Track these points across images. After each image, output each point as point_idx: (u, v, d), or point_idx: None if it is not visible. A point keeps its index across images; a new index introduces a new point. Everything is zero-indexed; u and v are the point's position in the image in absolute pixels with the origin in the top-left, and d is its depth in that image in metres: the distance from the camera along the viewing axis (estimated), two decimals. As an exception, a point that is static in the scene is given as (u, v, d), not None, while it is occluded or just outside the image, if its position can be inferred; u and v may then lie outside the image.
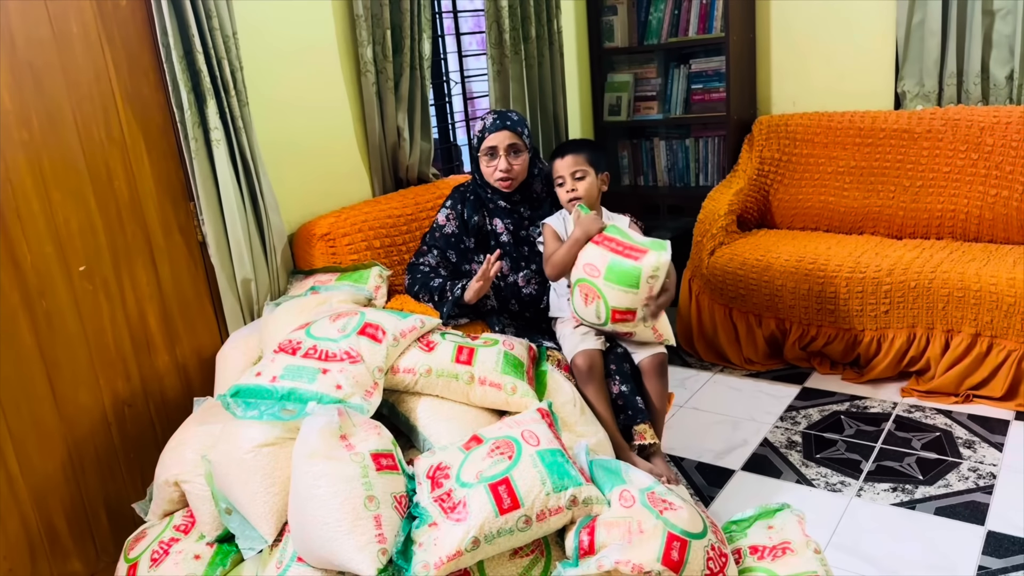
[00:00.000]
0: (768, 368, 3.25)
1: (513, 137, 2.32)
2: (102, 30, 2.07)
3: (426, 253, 2.46)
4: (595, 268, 2.13)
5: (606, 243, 2.16)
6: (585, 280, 2.15)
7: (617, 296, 2.11)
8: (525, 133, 2.35)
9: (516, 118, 2.36)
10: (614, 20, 3.86)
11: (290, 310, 2.15)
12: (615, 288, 2.10)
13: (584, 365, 2.13)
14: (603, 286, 2.11)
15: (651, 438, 2.14)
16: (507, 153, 2.32)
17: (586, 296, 2.16)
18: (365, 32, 2.67)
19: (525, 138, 2.35)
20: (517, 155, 2.34)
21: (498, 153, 2.33)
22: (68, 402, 2.06)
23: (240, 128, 2.27)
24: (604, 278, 2.11)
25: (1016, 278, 2.71)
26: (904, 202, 3.32)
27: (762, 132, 3.63)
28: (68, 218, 2.04)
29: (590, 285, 2.14)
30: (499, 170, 2.33)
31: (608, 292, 2.11)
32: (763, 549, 1.71)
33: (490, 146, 2.33)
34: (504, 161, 2.32)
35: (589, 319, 2.18)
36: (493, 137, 2.32)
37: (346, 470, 1.57)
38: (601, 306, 2.13)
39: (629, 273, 2.09)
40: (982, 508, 2.25)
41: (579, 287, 2.17)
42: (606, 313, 2.13)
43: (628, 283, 2.09)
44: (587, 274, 2.15)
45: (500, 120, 2.33)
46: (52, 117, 1.99)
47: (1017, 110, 3.10)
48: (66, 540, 2.07)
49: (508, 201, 2.40)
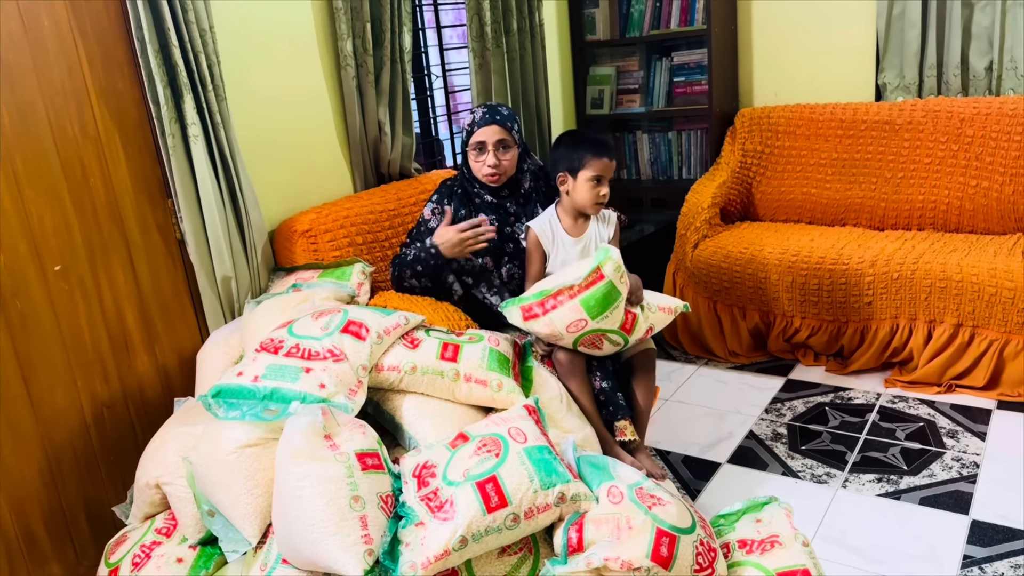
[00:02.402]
0: (752, 360, 3.26)
1: (502, 132, 2.29)
2: (74, 24, 2.02)
3: (409, 246, 2.43)
4: (577, 321, 2.02)
5: (559, 299, 2.05)
6: (580, 335, 2.05)
7: (613, 318, 2.04)
8: (515, 128, 2.33)
9: (506, 112, 2.33)
10: (596, 13, 3.85)
11: (272, 308, 2.12)
12: (606, 315, 2.03)
13: (566, 360, 2.11)
14: (597, 324, 2.03)
15: (632, 435, 2.13)
16: (496, 148, 2.30)
17: (593, 343, 2.08)
18: (345, 25, 2.63)
19: (515, 133, 2.32)
20: (506, 150, 2.31)
21: (487, 148, 2.30)
22: (45, 404, 2.02)
23: (218, 123, 2.23)
24: (592, 319, 2.02)
25: (997, 268, 2.73)
26: (886, 193, 3.34)
27: (744, 125, 3.63)
28: (42, 216, 1.99)
29: (589, 335, 2.06)
30: (487, 165, 2.31)
31: (605, 323, 2.04)
32: (751, 543, 1.70)
33: (479, 141, 2.30)
34: (492, 156, 2.30)
35: (612, 349, 2.14)
36: (482, 132, 2.30)
37: (331, 470, 1.55)
38: (613, 336, 2.07)
39: (603, 294, 2.01)
40: (966, 497, 2.26)
41: (582, 344, 2.09)
42: (622, 337, 2.09)
43: (610, 301, 2.02)
44: (576, 330, 2.04)
45: (490, 114, 2.31)
46: (24, 113, 1.94)
47: (996, 101, 3.12)
48: (45, 545, 2.04)
49: (495, 196, 2.37)
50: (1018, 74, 3.20)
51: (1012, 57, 3.19)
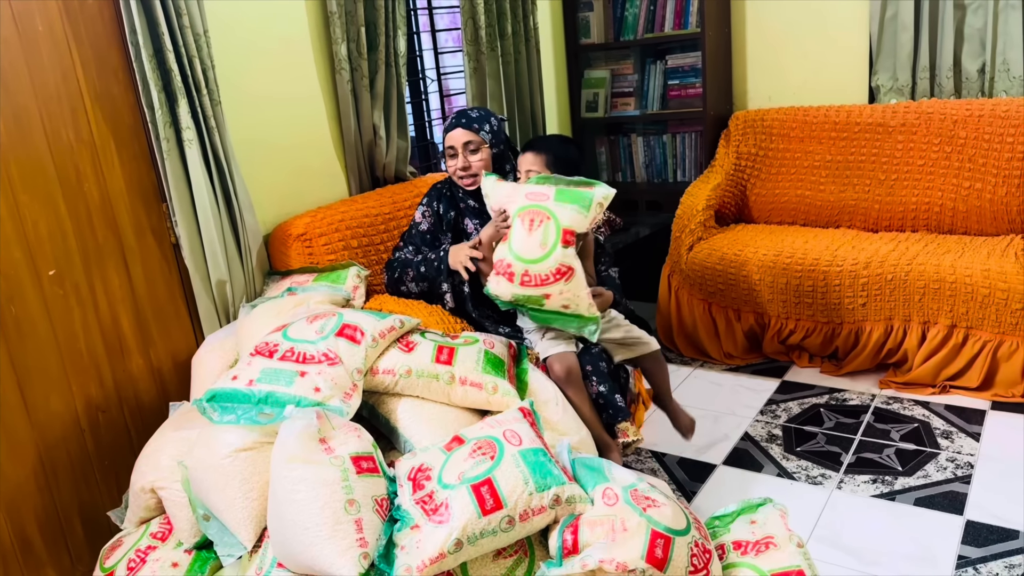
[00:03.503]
0: (747, 362, 3.27)
1: (468, 135, 2.32)
2: (69, 29, 2.02)
3: (402, 248, 2.44)
4: (542, 194, 2.06)
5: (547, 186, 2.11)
6: (530, 206, 2.04)
7: (569, 215, 2.02)
8: (485, 129, 2.34)
9: (475, 115, 2.35)
10: (590, 16, 3.86)
11: (266, 312, 2.12)
12: (567, 207, 2.02)
13: (561, 370, 2.08)
14: (553, 206, 2.03)
15: (634, 435, 2.13)
16: (464, 151, 2.33)
17: (531, 222, 2.02)
18: (339, 29, 2.64)
19: (485, 134, 2.33)
20: (474, 152, 2.33)
21: (456, 152, 2.34)
22: (39, 409, 2.02)
23: (213, 127, 2.23)
24: (554, 199, 2.04)
25: (991, 269, 2.74)
26: (879, 195, 3.35)
27: (738, 127, 3.64)
28: (37, 221, 1.99)
29: (537, 208, 2.03)
30: (459, 168, 2.34)
31: (559, 211, 2.02)
32: (746, 544, 1.71)
33: (449, 146, 2.36)
34: (462, 159, 2.33)
35: (529, 254, 2.02)
36: (450, 136, 2.35)
37: (326, 474, 1.55)
38: (551, 228, 2.01)
39: (581, 195, 2.05)
40: (961, 498, 2.27)
41: (520, 217, 2.05)
42: (556, 235, 2.00)
43: (580, 203, 2.03)
44: (532, 200, 2.05)
45: (456, 119, 2.36)
46: (18, 118, 1.94)
47: (989, 103, 3.13)
48: (39, 550, 2.03)
49: (476, 200, 2.38)
50: (1010, 76, 3.21)
51: (1005, 59, 3.20)
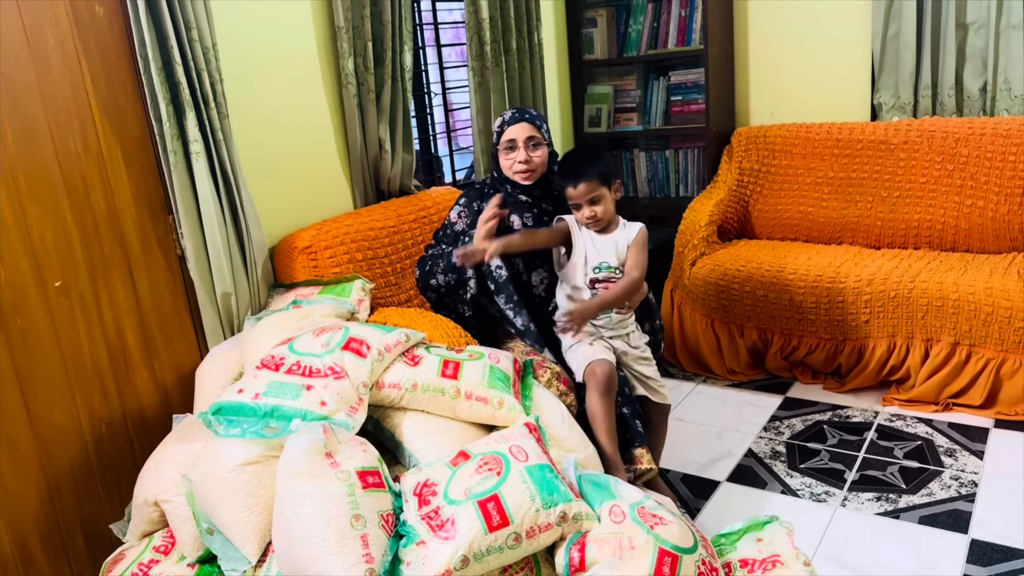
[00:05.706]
0: (750, 378, 3.26)
1: (532, 129, 2.30)
2: (78, 41, 2.03)
3: (434, 246, 2.41)
4: None
5: None
6: None
7: None
8: (544, 128, 2.34)
9: (535, 112, 2.36)
10: (594, 32, 3.88)
11: (272, 325, 2.12)
12: None
13: (603, 375, 2.08)
14: None
15: (648, 463, 2.12)
16: (526, 145, 2.29)
17: None
18: (346, 44, 2.65)
19: (544, 132, 2.34)
20: (536, 148, 2.31)
21: (517, 145, 2.30)
22: (43, 420, 2.01)
23: (220, 140, 2.24)
24: None
25: (993, 287, 2.74)
26: (882, 212, 3.36)
27: (741, 143, 3.65)
28: (43, 232, 1.99)
29: None
30: (518, 162, 2.30)
31: None
32: (753, 562, 1.70)
33: (509, 139, 2.30)
34: (523, 152, 2.29)
35: None
36: (512, 130, 2.30)
37: (332, 488, 1.54)
38: None
39: None
40: (965, 516, 2.27)
41: None
42: None
43: None
44: None
45: (519, 113, 2.32)
46: (27, 130, 1.95)
47: (991, 121, 3.15)
48: (41, 563, 2.02)
49: (529, 195, 2.37)
50: (1012, 95, 3.23)
51: (1007, 78, 3.22)
